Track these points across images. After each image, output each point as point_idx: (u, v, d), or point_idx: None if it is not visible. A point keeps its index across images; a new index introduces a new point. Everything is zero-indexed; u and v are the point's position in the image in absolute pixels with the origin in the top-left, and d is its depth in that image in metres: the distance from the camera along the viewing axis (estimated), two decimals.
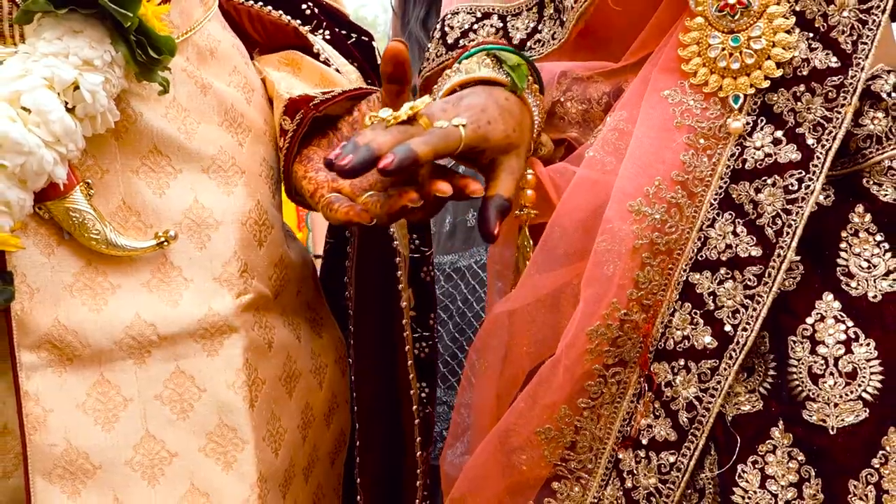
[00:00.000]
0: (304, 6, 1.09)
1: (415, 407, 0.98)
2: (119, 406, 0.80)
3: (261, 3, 1.07)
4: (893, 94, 0.81)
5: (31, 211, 0.77)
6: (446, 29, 1.06)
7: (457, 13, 1.06)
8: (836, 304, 0.79)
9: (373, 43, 1.12)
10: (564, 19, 0.96)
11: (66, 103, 0.77)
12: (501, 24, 1.03)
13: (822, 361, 0.77)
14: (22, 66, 0.77)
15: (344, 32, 1.10)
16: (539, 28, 1.00)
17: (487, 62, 0.88)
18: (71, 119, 0.77)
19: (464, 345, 1.52)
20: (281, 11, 1.07)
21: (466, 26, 1.04)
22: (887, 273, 0.79)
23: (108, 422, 0.79)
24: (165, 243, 0.83)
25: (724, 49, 0.83)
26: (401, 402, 1.01)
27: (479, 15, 1.05)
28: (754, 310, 0.79)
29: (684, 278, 0.82)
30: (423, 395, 1.04)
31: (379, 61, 1.10)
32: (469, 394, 1.01)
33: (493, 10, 1.04)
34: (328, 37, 1.08)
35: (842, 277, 0.80)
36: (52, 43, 0.78)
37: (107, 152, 0.83)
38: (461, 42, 1.04)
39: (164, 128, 0.86)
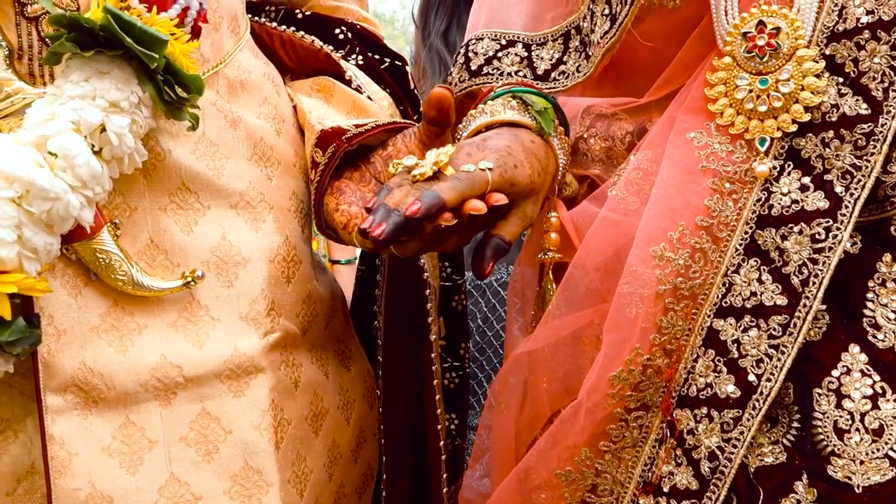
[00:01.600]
0: (337, 30, 1.03)
1: (442, 442, 0.93)
2: (144, 448, 0.76)
3: (293, 28, 1.02)
4: None
5: (59, 254, 0.73)
6: (470, 55, 1.00)
7: (481, 39, 1.01)
8: (863, 357, 0.72)
9: (406, 68, 1.06)
10: (590, 53, 0.90)
11: (93, 146, 0.73)
12: (526, 53, 0.97)
13: (848, 416, 0.71)
14: (49, 109, 0.72)
15: (377, 57, 1.04)
16: (564, 59, 0.94)
17: (513, 104, 0.82)
18: (97, 162, 0.72)
19: (483, 364, 1.47)
20: (314, 37, 1.01)
21: (490, 53, 0.99)
22: None
23: (132, 465, 0.75)
24: (192, 283, 0.78)
25: (751, 91, 0.77)
26: (428, 436, 0.96)
27: (503, 42, 0.99)
28: (779, 360, 0.73)
29: (708, 324, 0.77)
30: (452, 427, 0.99)
31: (412, 86, 1.05)
32: (490, 416, 0.96)
33: (518, 38, 0.99)
34: (361, 62, 1.02)
35: (868, 329, 0.73)
36: (78, 85, 0.73)
37: (135, 190, 0.79)
38: (484, 69, 0.99)
39: (193, 164, 0.81)
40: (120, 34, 0.72)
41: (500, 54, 0.98)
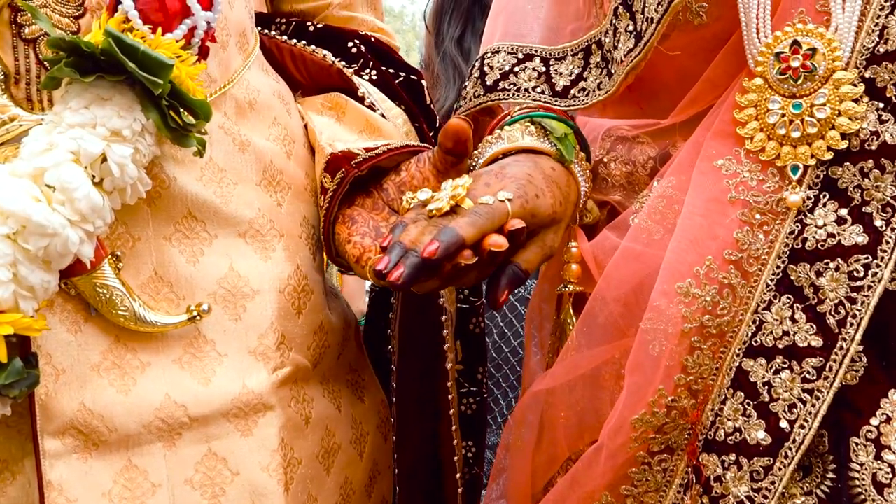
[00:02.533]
0: (350, 44, 0.96)
1: (458, 475, 0.86)
2: (147, 493, 0.70)
3: (304, 42, 0.94)
4: None
5: (57, 290, 0.67)
6: (485, 68, 0.92)
7: (497, 52, 0.93)
8: None
9: (422, 82, 0.98)
10: (613, 71, 0.83)
11: (93, 177, 0.66)
12: (544, 68, 0.90)
13: (889, 470, 0.64)
14: (47, 138, 0.66)
15: (392, 71, 0.97)
16: (584, 76, 0.87)
17: (532, 130, 0.76)
18: (98, 194, 0.66)
19: (500, 381, 1.40)
20: (326, 52, 0.93)
21: (507, 68, 0.91)
22: None
23: None
24: (198, 317, 0.72)
25: (784, 115, 0.70)
26: (443, 465, 0.89)
27: (520, 56, 0.92)
28: (813, 406, 0.66)
29: (737, 364, 0.70)
30: (469, 455, 0.92)
31: (428, 101, 0.98)
32: (510, 437, 0.90)
33: (536, 52, 0.91)
34: (374, 77, 0.95)
35: None
36: (78, 112, 0.67)
37: (139, 219, 0.73)
38: (500, 84, 0.91)
39: (200, 191, 0.75)
40: (122, 59, 0.66)
41: (516, 69, 0.91)
